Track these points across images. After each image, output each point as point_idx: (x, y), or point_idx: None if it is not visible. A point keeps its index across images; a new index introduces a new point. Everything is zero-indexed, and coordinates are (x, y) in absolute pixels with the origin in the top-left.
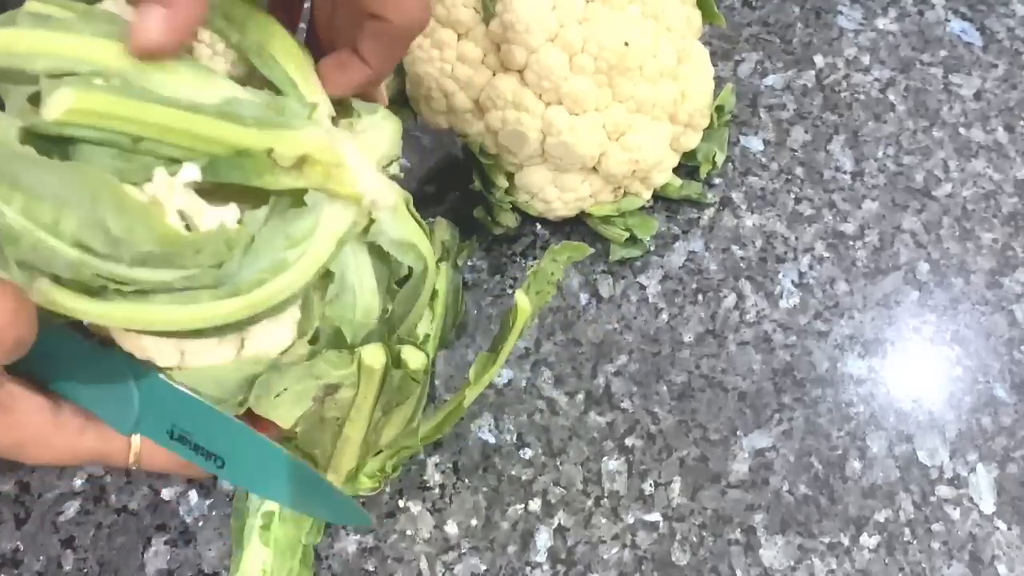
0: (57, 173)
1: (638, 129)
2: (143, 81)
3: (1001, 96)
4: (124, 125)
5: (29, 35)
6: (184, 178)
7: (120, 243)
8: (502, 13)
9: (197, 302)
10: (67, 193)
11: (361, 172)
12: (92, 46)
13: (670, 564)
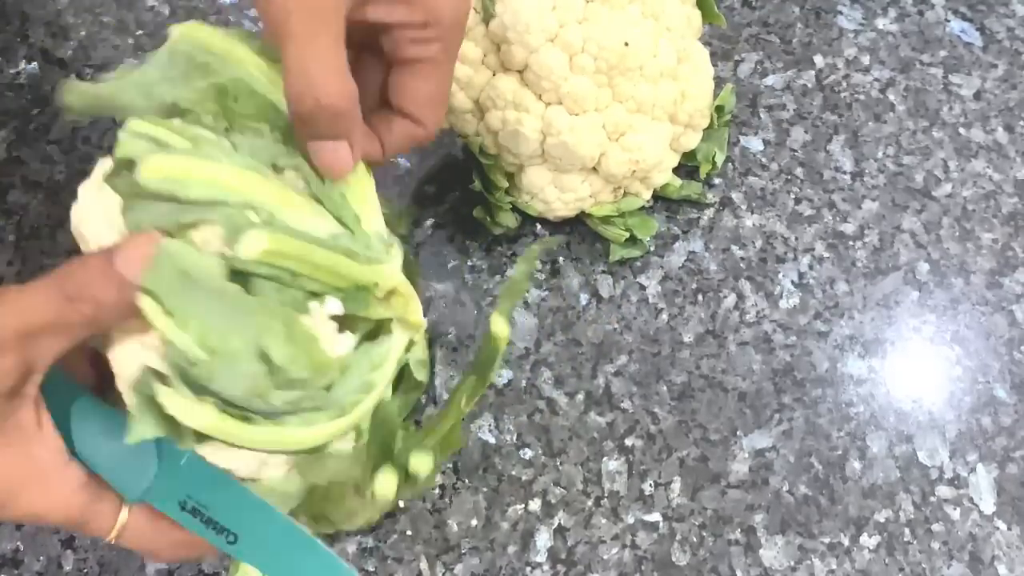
0: (239, 304)
1: (638, 129)
2: (283, 215)
3: (1001, 96)
4: (293, 263)
5: (185, 163)
6: (331, 310)
7: (279, 370)
8: (502, 13)
9: (315, 424)
10: (243, 322)
11: (418, 302)
12: (242, 179)
13: (670, 564)
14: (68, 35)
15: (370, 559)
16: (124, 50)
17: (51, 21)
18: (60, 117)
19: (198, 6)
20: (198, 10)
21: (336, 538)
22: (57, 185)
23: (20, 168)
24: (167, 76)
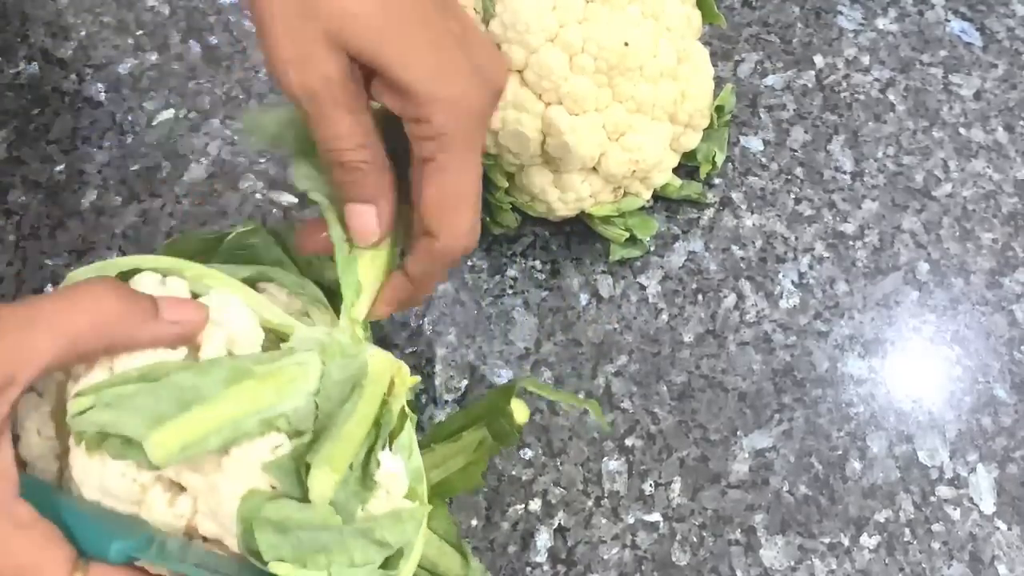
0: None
1: (638, 129)
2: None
3: (1001, 96)
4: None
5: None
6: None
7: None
8: (502, 13)
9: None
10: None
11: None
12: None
13: (670, 564)
14: (68, 35)
15: None
16: (124, 50)
17: (51, 21)
18: (60, 117)
19: (198, 6)
20: (198, 10)
21: None
22: (57, 185)
23: (20, 168)
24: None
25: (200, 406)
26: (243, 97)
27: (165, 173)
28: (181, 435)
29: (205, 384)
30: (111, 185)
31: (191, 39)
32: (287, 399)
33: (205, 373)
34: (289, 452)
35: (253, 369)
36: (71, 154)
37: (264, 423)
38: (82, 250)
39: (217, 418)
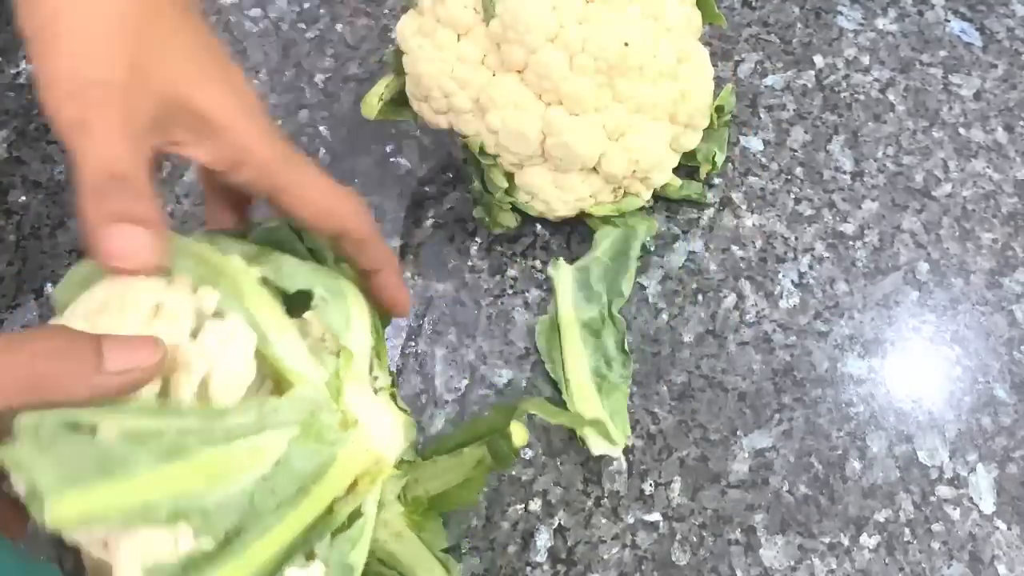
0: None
1: (638, 129)
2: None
3: (1001, 96)
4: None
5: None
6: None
7: None
8: (502, 13)
9: None
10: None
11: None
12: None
13: (670, 564)
14: None
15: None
16: None
17: None
18: None
19: None
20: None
21: None
22: (57, 185)
23: (20, 168)
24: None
25: (118, 479)
26: None
27: (165, 173)
28: (85, 505)
29: (136, 455)
30: None
31: None
32: (217, 490)
33: (141, 442)
34: (183, 557)
35: (195, 449)
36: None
37: (176, 513)
38: (82, 250)
39: (130, 498)
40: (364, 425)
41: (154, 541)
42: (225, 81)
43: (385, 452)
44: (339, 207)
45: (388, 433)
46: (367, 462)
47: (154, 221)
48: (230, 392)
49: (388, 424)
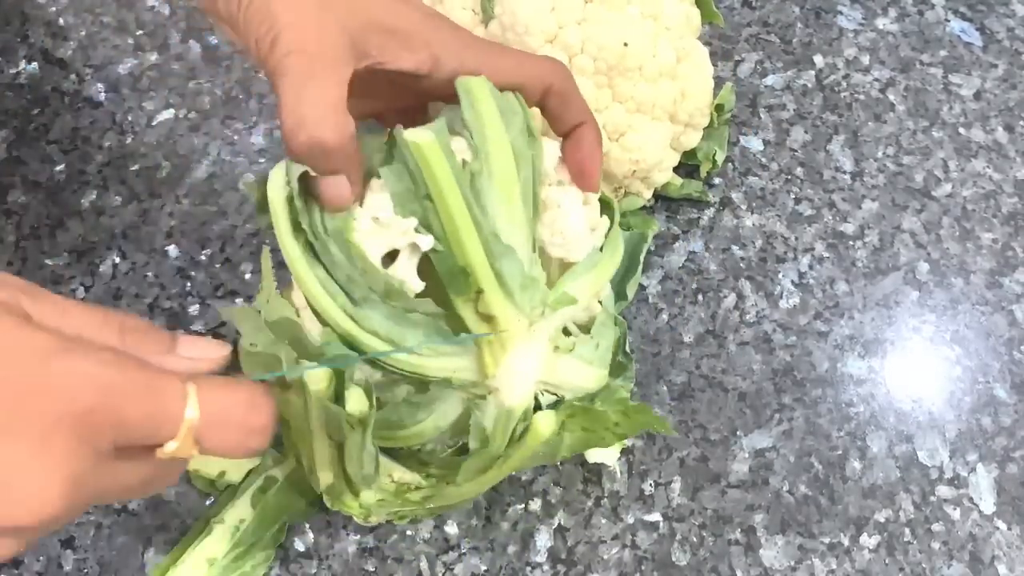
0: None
1: (638, 129)
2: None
3: (1001, 96)
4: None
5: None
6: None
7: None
8: (501, 15)
9: None
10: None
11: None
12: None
13: (670, 564)
14: (68, 35)
15: (370, 559)
16: (124, 50)
17: (51, 21)
18: (60, 117)
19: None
20: (198, 10)
21: (336, 538)
22: (57, 185)
23: (20, 168)
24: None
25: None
26: (243, 97)
27: (165, 173)
28: None
29: None
30: (111, 185)
31: (191, 39)
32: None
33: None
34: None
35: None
36: (71, 154)
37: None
38: (82, 250)
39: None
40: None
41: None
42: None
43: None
44: (538, 67)
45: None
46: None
47: (348, 170)
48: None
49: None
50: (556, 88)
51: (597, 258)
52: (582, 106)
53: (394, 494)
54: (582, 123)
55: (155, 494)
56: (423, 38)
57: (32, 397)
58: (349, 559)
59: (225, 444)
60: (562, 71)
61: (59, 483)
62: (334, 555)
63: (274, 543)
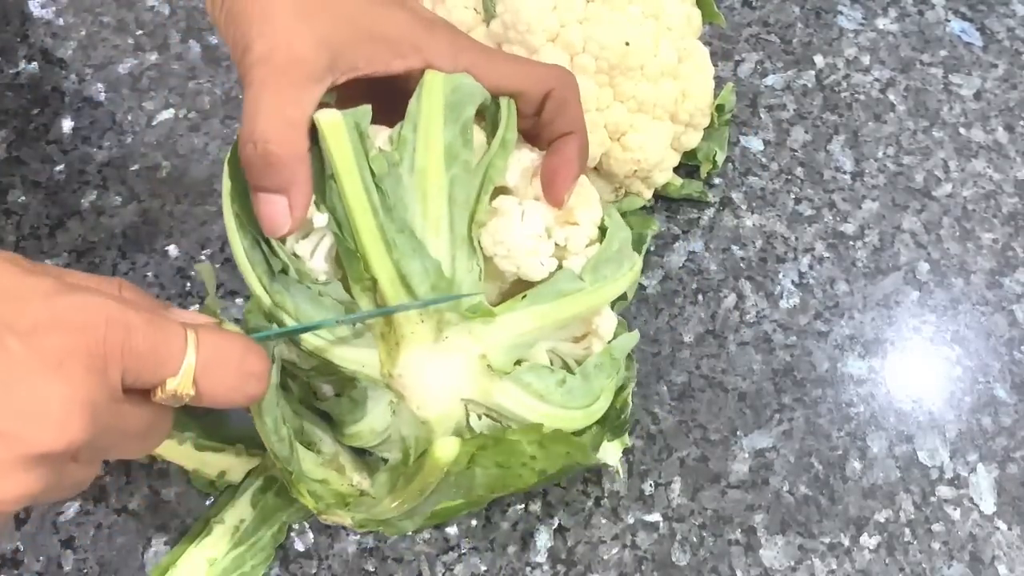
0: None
1: (639, 129)
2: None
3: (1001, 96)
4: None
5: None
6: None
7: None
8: (503, 14)
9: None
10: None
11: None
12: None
13: (670, 564)
14: (68, 35)
15: (370, 559)
16: (124, 50)
17: (51, 21)
18: (60, 117)
19: (198, 6)
20: (198, 10)
21: (336, 538)
22: (57, 185)
23: (20, 168)
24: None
25: None
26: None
27: (165, 173)
28: None
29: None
30: (111, 185)
31: (191, 39)
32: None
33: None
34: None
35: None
36: (71, 154)
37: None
38: (82, 250)
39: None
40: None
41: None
42: (389, 5)
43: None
44: (538, 72)
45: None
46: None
47: (289, 191)
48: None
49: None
50: (555, 94)
51: (572, 287)
52: (576, 117)
53: (336, 494)
54: (570, 133)
55: (152, 494)
56: (414, 44)
57: (45, 331)
58: (349, 559)
59: (223, 386)
60: (565, 79)
61: (79, 408)
62: (334, 555)
63: (274, 543)
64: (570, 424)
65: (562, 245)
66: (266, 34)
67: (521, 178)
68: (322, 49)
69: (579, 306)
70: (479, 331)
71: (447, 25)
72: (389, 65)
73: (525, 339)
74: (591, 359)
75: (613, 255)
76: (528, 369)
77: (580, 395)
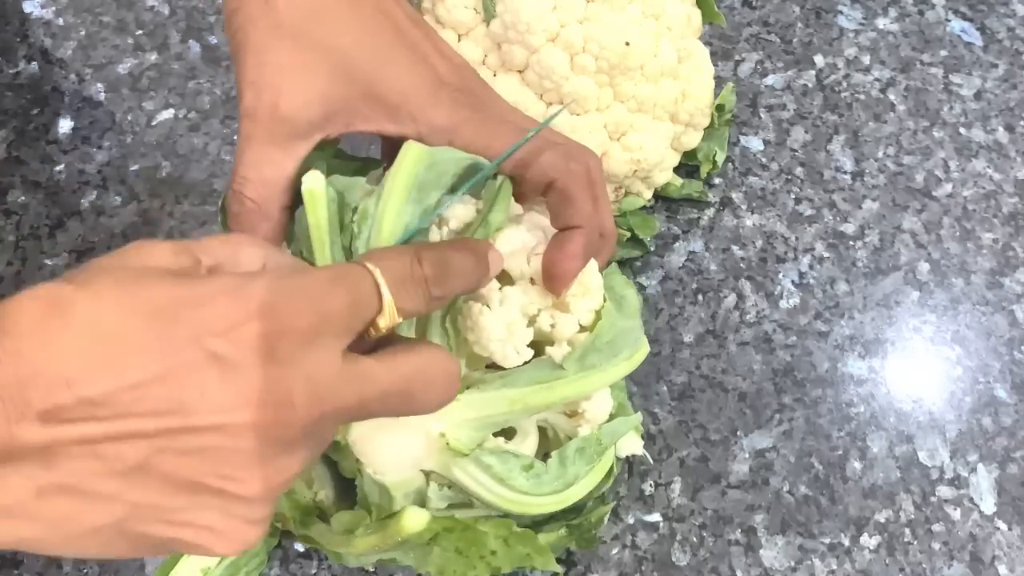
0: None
1: (639, 129)
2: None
3: (1001, 96)
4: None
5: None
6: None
7: None
8: (503, 13)
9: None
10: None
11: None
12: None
13: (670, 564)
14: (68, 35)
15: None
16: (124, 50)
17: (50, 21)
18: (60, 117)
19: (198, 6)
20: (198, 10)
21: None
22: (56, 185)
23: (20, 168)
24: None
25: None
26: None
27: (165, 173)
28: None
29: None
30: (111, 185)
31: (191, 39)
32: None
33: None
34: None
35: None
36: (71, 154)
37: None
38: (82, 250)
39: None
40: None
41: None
42: (398, 62)
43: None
44: (539, 161)
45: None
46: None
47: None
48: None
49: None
50: (558, 186)
51: (549, 376)
52: (582, 211)
53: (296, 507)
54: (576, 227)
55: None
56: (408, 111)
57: (243, 324)
58: None
59: (416, 301)
60: (570, 169)
61: (323, 383)
62: None
63: (266, 548)
64: (534, 509)
65: (547, 331)
66: (256, 85)
67: (511, 260)
68: (313, 105)
69: (555, 395)
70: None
71: (456, 93)
72: (381, 127)
73: (493, 420)
74: (573, 442)
75: (604, 346)
76: (490, 451)
77: (550, 481)
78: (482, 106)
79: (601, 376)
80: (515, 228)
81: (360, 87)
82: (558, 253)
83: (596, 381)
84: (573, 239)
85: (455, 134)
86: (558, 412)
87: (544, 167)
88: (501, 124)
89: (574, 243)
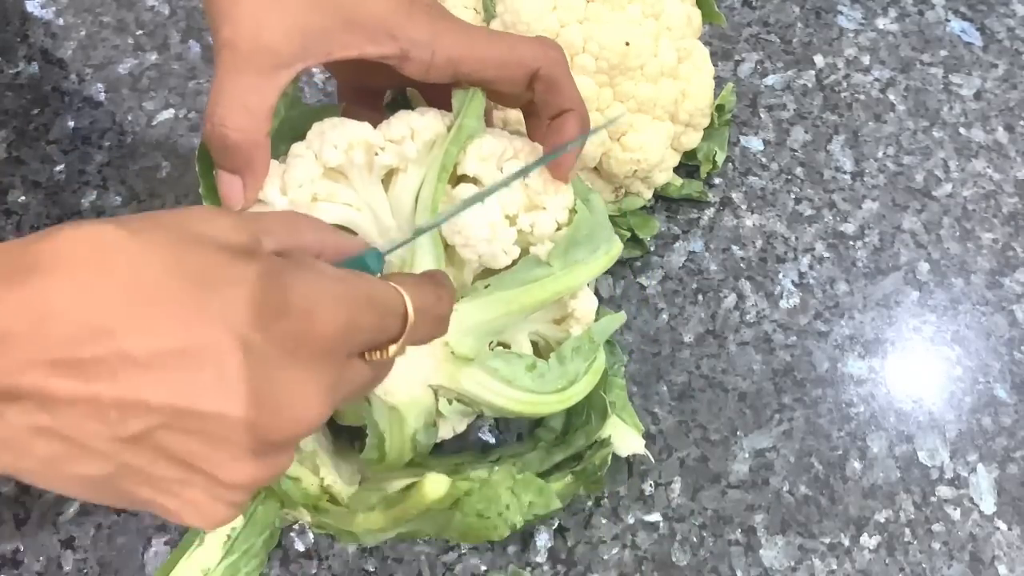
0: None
1: (639, 129)
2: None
3: (1001, 96)
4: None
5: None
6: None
7: None
8: (503, 13)
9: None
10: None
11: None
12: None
13: (670, 564)
14: (68, 35)
15: (370, 559)
16: (124, 50)
17: (51, 21)
18: (60, 117)
19: (198, 6)
20: (198, 10)
21: (335, 537)
22: (57, 185)
23: (20, 168)
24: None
25: None
26: None
27: (165, 173)
28: None
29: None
30: (111, 185)
31: (191, 39)
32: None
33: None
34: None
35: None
36: (71, 154)
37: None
38: None
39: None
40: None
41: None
42: None
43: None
44: (519, 53)
45: None
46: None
47: (244, 173)
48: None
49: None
50: (542, 74)
51: (538, 274)
52: (570, 94)
53: (306, 495)
54: (568, 110)
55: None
56: (389, 31)
57: (273, 319)
58: (349, 559)
59: (423, 335)
60: (550, 56)
61: (322, 395)
62: (334, 555)
63: (265, 549)
64: (542, 408)
65: (528, 231)
66: (234, 19)
67: (482, 166)
68: (293, 35)
69: (546, 292)
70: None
71: (428, 7)
72: (363, 50)
73: (492, 326)
74: (568, 342)
75: (583, 238)
76: (494, 355)
77: (553, 379)
78: (453, 18)
79: (585, 269)
80: (488, 135)
81: (337, 15)
82: (556, 139)
83: (582, 274)
84: (567, 122)
85: (437, 44)
86: (547, 322)
87: (526, 59)
88: (475, 31)
89: (568, 125)
